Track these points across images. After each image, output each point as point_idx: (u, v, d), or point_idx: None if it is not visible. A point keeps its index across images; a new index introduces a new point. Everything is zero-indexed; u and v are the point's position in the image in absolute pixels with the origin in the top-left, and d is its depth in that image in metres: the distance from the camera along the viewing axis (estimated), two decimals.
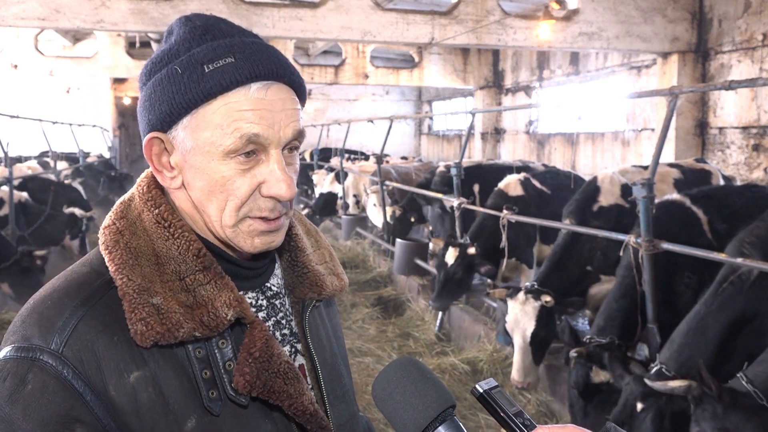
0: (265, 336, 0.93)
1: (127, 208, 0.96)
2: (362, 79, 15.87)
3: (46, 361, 0.82)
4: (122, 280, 0.87)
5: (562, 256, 4.82)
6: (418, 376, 0.82)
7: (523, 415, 0.79)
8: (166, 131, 0.92)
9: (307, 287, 1.06)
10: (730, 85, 3.27)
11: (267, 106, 0.90)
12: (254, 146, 0.90)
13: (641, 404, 2.95)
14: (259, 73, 0.89)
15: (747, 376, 2.63)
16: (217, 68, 0.88)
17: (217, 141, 0.89)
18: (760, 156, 8.38)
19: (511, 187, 6.23)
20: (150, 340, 0.85)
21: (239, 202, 0.91)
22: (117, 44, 15.00)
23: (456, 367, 5.14)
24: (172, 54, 0.91)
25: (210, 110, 0.89)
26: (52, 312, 0.86)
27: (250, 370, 0.89)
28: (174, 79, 0.89)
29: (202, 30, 0.92)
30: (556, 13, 9.01)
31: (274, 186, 0.91)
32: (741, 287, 3.04)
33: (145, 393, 0.85)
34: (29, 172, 10.42)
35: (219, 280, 0.92)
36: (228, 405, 0.90)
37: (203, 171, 0.91)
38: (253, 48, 0.91)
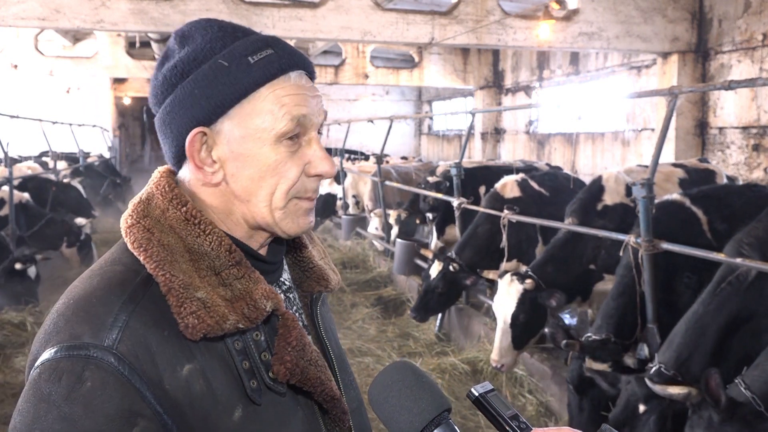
0: (298, 326, 0.97)
1: (147, 207, 0.96)
2: (362, 79, 15.88)
3: (101, 358, 0.82)
4: (165, 276, 0.88)
5: (560, 250, 4.84)
6: (413, 380, 0.83)
7: (519, 418, 0.80)
8: (210, 125, 0.95)
9: (315, 281, 1.11)
10: (729, 85, 3.27)
11: (306, 92, 0.97)
12: (300, 129, 0.96)
13: (644, 406, 2.94)
14: (296, 62, 0.96)
15: (745, 381, 2.62)
16: (262, 59, 0.94)
17: (269, 126, 0.93)
18: (760, 156, 8.38)
19: (507, 188, 6.19)
20: (200, 333, 0.86)
21: (291, 183, 0.96)
22: (117, 44, 15.01)
23: (456, 367, 5.14)
24: (207, 51, 0.94)
25: (259, 98, 0.93)
26: (100, 309, 0.86)
27: (291, 359, 0.93)
28: (221, 72, 0.92)
29: (232, 28, 0.98)
30: (556, 13, 9.02)
31: (319, 165, 0.97)
32: (738, 288, 3.04)
33: (197, 385, 0.87)
34: (29, 172, 10.43)
35: (252, 274, 0.95)
36: (267, 394, 0.93)
37: (254, 157, 0.94)
38: (282, 42, 0.98)
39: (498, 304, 4.65)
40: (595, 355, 3.66)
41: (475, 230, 6.02)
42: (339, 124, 15.81)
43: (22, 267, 6.49)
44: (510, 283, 4.60)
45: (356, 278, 8.11)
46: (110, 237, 10.94)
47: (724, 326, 3.02)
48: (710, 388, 2.58)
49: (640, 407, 2.95)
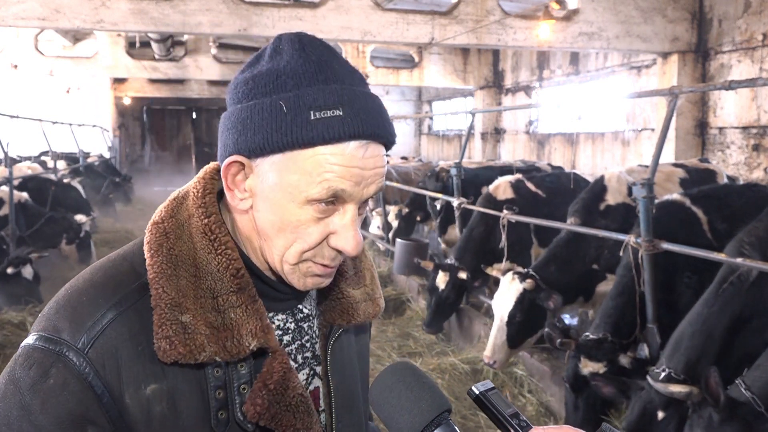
0: (284, 368, 0.93)
1: (179, 207, 0.97)
2: None
3: (71, 358, 0.84)
4: (157, 290, 0.88)
5: (562, 250, 4.83)
6: (413, 381, 0.84)
7: (519, 416, 0.80)
8: (251, 158, 0.91)
9: (338, 314, 1.06)
10: (730, 85, 3.27)
11: (359, 164, 0.88)
12: (335, 198, 0.90)
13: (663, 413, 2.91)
14: (363, 132, 0.88)
15: (745, 382, 2.61)
16: (324, 119, 0.86)
17: (303, 187, 0.88)
18: (760, 156, 8.38)
19: (500, 189, 6.18)
20: (171, 359, 0.86)
21: (306, 247, 0.92)
22: (117, 44, 15.01)
23: (456, 367, 5.14)
24: (280, 84, 0.88)
25: (304, 156, 0.87)
26: (85, 309, 0.87)
27: (262, 402, 0.90)
28: (277, 115, 0.86)
29: (317, 66, 0.89)
30: (556, 13, 9.02)
31: (342, 241, 0.92)
32: (740, 288, 3.04)
33: (159, 406, 0.87)
34: (29, 172, 10.43)
35: (251, 305, 0.93)
36: (234, 428, 0.91)
37: (280, 208, 0.90)
38: (361, 102, 0.89)
39: (497, 300, 4.66)
40: (590, 354, 3.67)
41: (470, 234, 6.03)
42: None
43: (13, 270, 6.47)
44: (511, 282, 4.61)
45: None
46: (110, 237, 10.94)
47: (728, 327, 3.01)
48: (709, 387, 2.57)
49: (658, 414, 2.92)
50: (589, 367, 3.65)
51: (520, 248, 5.99)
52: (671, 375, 2.94)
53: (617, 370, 3.62)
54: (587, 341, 3.73)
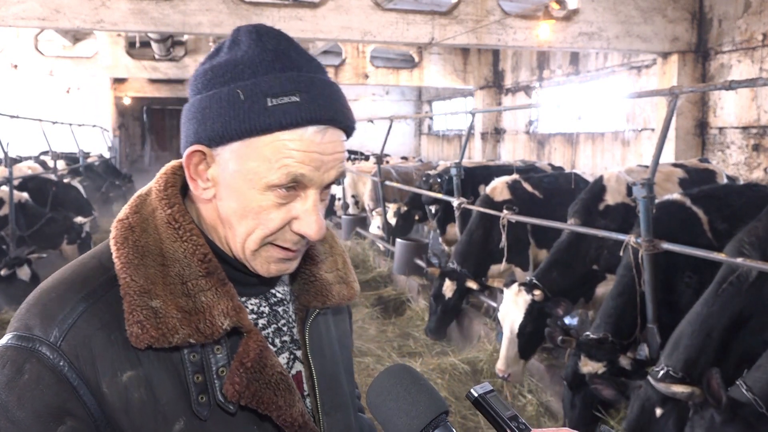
0: (260, 346, 0.94)
1: (142, 203, 0.98)
2: (362, 79, 15.88)
3: (44, 352, 0.85)
4: (125, 279, 0.89)
5: (564, 254, 4.81)
6: (410, 383, 0.84)
7: (518, 419, 0.80)
8: (212, 147, 0.92)
9: (312, 296, 1.07)
10: (730, 85, 3.27)
11: (318, 149, 0.90)
12: (296, 184, 0.91)
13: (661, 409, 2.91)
14: (320, 117, 0.89)
15: (746, 383, 2.61)
16: (281, 105, 0.87)
17: (262, 173, 0.89)
18: (760, 156, 8.38)
19: (497, 191, 6.18)
20: (144, 343, 0.86)
21: (268, 232, 0.93)
22: (117, 44, 15.00)
23: (456, 367, 5.14)
24: (237, 73, 0.90)
25: (262, 142, 0.89)
26: (55, 304, 0.88)
27: (240, 380, 0.90)
28: (235, 104, 0.88)
29: (274, 55, 0.91)
30: (556, 13, 9.02)
31: (305, 226, 0.93)
32: (740, 288, 3.04)
33: (137, 393, 0.87)
34: (29, 172, 10.43)
35: (220, 288, 0.93)
36: (216, 411, 0.91)
37: (241, 195, 0.92)
38: (318, 88, 0.91)
39: (504, 313, 4.57)
40: (590, 353, 3.67)
41: (470, 237, 6.04)
42: None
43: (7, 272, 6.44)
44: (518, 294, 4.53)
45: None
46: None
47: (728, 327, 3.01)
48: (711, 388, 2.57)
49: (656, 411, 2.93)
50: (589, 367, 3.66)
51: (518, 249, 5.99)
52: (669, 373, 2.94)
53: (617, 371, 3.62)
54: (588, 340, 3.73)
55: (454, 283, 5.78)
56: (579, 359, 3.69)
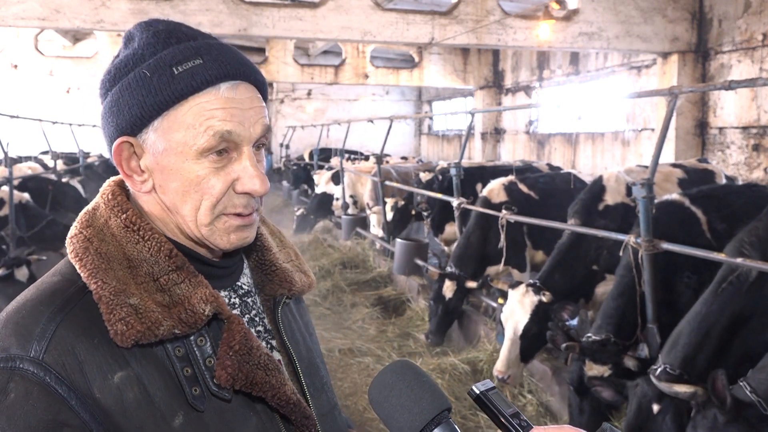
0: (243, 330, 0.94)
1: (92, 217, 0.97)
2: (362, 79, 15.88)
3: (27, 369, 0.82)
4: (96, 284, 0.87)
5: (565, 255, 4.79)
6: (413, 380, 0.83)
7: (520, 416, 0.79)
8: (136, 135, 0.93)
9: (277, 284, 1.08)
10: (730, 85, 3.27)
11: (237, 105, 0.91)
12: (226, 144, 0.91)
13: (658, 405, 2.91)
14: (227, 72, 0.91)
15: (750, 384, 2.61)
16: (187, 70, 0.90)
17: (190, 141, 0.90)
18: (760, 156, 8.38)
19: (494, 193, 6.18)
20: (131, 339, 0.85)
21: (215, 200, 0.93)
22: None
23: (456, 367, 5.14)
24: (137, 58, 0.92)
25: (181, 111, 0.90)
26: (27, 320, 0.86)
27: (232, 363, 0.90)
28: (143, 82, 0.90)
29: (166, 34, 0.94)
30: (556, 13, 9.02)
31: (248, 182, 0.93)
32: (740, 287, 3.04)
33: (131, 392, 0.86)
34: (29, 172, 10.43)
35: (193, 279, 0.93)
36: (212, 401, 0.91)
37: (177, 171, 0.92)
38: (219, 49, 0.93)
39: (508, 314, 4.51)
40: (594, 357, 3.65)
41: (468, 240, 6.05)
42: (339, 124, 15.81)
43: (5, 272, 6.42)
44: (524, 295, 4.47)
45: (356, 278, 8.10)
46: None
47: (727, 326, 3.01)
48: (716, 389, 2.57)
49: (654, 407, 2.93)
50: (594, 370, 3.64)
51: (515, 251, 5.99)
52: (667, 370, 2.94)
53: (622, 372, 3.62)
54: (591, 343, 3.71)
55: (453, 283, 5.78)
56: (584, 364, 3.68)
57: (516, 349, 4.45)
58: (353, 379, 5.07)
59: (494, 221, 5.64)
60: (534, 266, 6.41)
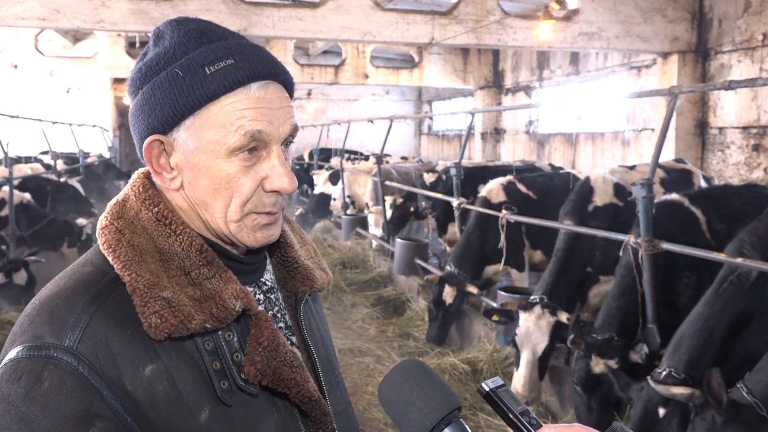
0: (271, 326, 0.95)
1: (122, 209, 0.97)
2: (362, 79, 15.88)
3: (60, 358, 0.83)
4: (131, 276, 0.88)
5: (564, 261, 4.74)
6: (423, 379, 0.84)
7: (529, 413, 0.80)
8: (167, 133, 0.94)
9: (299, 281, 1.09)
10: (729, 85, 3.27)
11: (267, 104, 0.93)
12: (256, 143, 0.93)
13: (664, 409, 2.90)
14: (258, 73, 0.93)
15: (747, 386, 2.60)
16: (219, 70, 0.91)
17: (222, 140, 0.91)
18: (760, 156, 8.38)
19: (493, 193, 6.18)
20: (164, 332, 0.86)
21: (245, 198, 0.94)
22: (117, 44, 15.01)
23: (456, 367, 5.13)
24: (169, 57, 0.93)
25: (213, 111, 0.91)
26: (62, 310, 0.87)
27: (261, 359, 0.92)
28: (176, 82, 0.91)
29: (198, 33, 0.95)
30: (556, 13, 9.02)
31: (277, 180, 0.94)
32: (741, 287, 3.04)
33: (160, 385, 0.87)
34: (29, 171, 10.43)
35: (223, 274, 0.94)
36: (238, 395, 0.92)
37: (208, 170, 0.93)
38: (250, 49, 0.95)
39: (524, 337, 4.36)
40: (601, 352, 3.65)
41: (468, 240, 6.04)
42: (339, 124, 15.81)
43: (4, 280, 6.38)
44: (540, 317, 4.34)
45: (356, 278, 8.10)
46: None
47: (729, 327, 3.01)
48: (712, 389, 2.57)
49: (660, 411, 2.92)
50: (601, 366, 3.64)
51: (513, 251, 5.98)
52: (671, 374, 2.94)
53: (628, 366, 3.62)
54: (596, 342, 3.72)
55: (453, 288, 5.77)
56: (590, 359, 3.67)
57: (536, 371, 4.35)
58: (353, 379, 5.07)
59: (493, 221, 5.63)
60: (532, 266, 6.41)
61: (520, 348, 4.37)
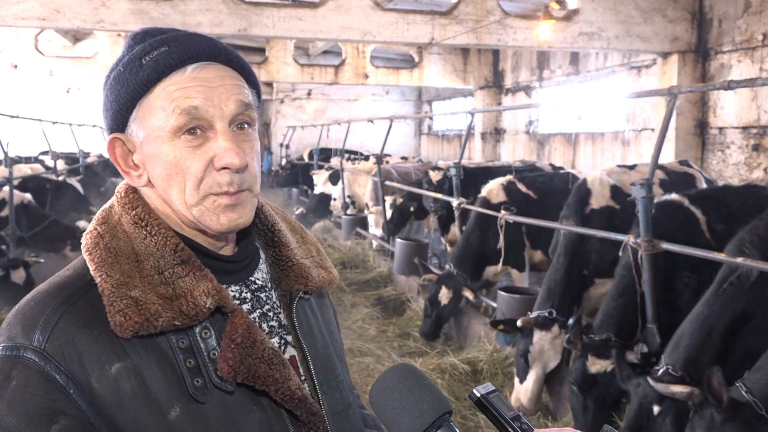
0: (246, 323, 0.95)
1: (108, 215, 1.01)
2: (362, 79, 15.87)
3: (29, 357, 0.86)
4: (101, 277, 0.91)
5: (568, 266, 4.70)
6: (414, 383, 0.84)
7: (521, 419, 0.80)
8: (124, 131, 0.98)
9: (293, 279, 1.09)
10: (729, 85, 3.27)
11: (204, 83, 0.94)
12: (198, 122, 0.93)
13: (658, 407, 2.91)
14: (192, 54, 0.94)
15: (746, 385, 2.61)
16: (152, 58, 0.94)
17: (162, 123, 0.93)
18: (760, 156, 8.38)
19: (493, 193, 6.18)
20: (129, 330, 0.87)
21: (196, 180, 0.94)
22: (117, 44, 14.99)
23: (456, 367, 5.13)
24: (118, 60, 0.98)
25: (152, 97, 0.94)
26: (34, 311, 0.90)
27: (233, 356, 0.92)
28: (119, 78, 0.95)
29: (143, 34, 0.99)
30: (556, 13, 9.02)
31: (225, 156, 0.93)
32: (741, 287, 3.04)
33: (128, 384, 0.87)
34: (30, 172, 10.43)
35: (197, 272, 0.95)
36: (214, 392, 0.92)
37: (157, 157, 0.95)
38: (187, 36, 0.97)
39: (537, 355, 4.34)
40: (597, 352, 3.66)
41: (467, 241, 6.04)
42: (339, 124, 15.81)
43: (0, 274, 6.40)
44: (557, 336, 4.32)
45: (356, 278, 8.10)
46: None
47: (728, 327, 3.02)
48: (712, 387, 2.57)
49: (654, 409, 2.93)
50: (597, 365, 3.65)
51: (513, 251, 5.98)
52: (669, 371, 2.94)
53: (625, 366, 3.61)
54: (593, 342, 3.72)
55: (450, 291, 5.78)
56: (587, 359, 3.68)
57: (542, 386, 4.38)
58: (353, 379, 5.06)
59: (493, 221, 5.63)
60: (533, 266, 6.41)
61: (530, 363, 4.34)
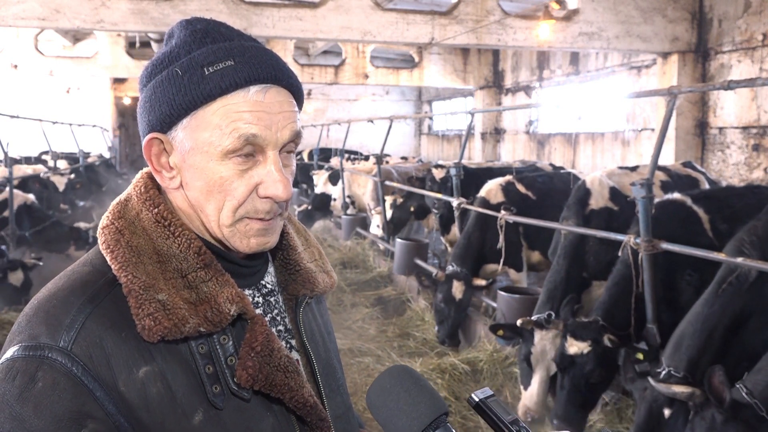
0: (266, 331, 0.95)
1: (124, 208, 0.98)
2: (362, 79, 15.87)
3: (55, 358, 0.83)
4: (127, 277, 0.89)
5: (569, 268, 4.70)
6: (411, 384, 0.84)
7: (519, 422, 0.80)
8: (166, 132, 0.94)
9: (300, 284, 1.09)
10: (729, 85, 3.27)
11: (265, 108, 0.92)
12: (252, 147, 0.92)
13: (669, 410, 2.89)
14: (258, 76, 0.91)
15: (747, 386, 2.60)
16: (217, 71, 0.90)
17: (216, 141, 0.90)
18: (760, 156, 8.38)
19: (492, 193, 6.19)
20: (158, 335, 0.86)
21: (237, 203, 0.93)
22: (117, 44, 15.00)
23: (456, 367, 5.13)
24: (173, 56, 0.93)
25: (209, 111, 0.91)
26: (58, 310, 0.87)
27: (253, 364, 0.91)
28: (174, 81, 0.91)
29: (203, 33, 0.94)
30: (556, 13, 9.02)
31: (271, 187, 0.93)
32: (740, 287, 3.04)
33: (154, 387, 0.87)
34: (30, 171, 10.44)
35: (220, 277, 0.94)
36: (231, 399, 0.92)
37: (202, 171, 0.92)
38: (252, 52, 0.93)
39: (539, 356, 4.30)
40: (575, 334, 3.70)
41: (468, 240, 6.04)
42: (339, 124, 15.81)
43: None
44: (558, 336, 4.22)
45: (356, 278, 8.10)
46: None
47: (728, 327, 3.02)
48: (713, 386, 2.57)
49: (665, 412, 2.91)
50: (575, 347, 3.70)
51: (511, 251, 5.97)
52: (671, 373, 2.94)
53: (601, 350, 3.67)
54: (576, 323, 3.81)
55: (462, 283, 5.77)
56: (566, 340, 3.75)
57: (547, 388, 4.34)
58: (353, 379, 5.07)
59: (491, 221, 5.63)
60: (530, 266, 6.41)
61: (533, 366, 4.33)
